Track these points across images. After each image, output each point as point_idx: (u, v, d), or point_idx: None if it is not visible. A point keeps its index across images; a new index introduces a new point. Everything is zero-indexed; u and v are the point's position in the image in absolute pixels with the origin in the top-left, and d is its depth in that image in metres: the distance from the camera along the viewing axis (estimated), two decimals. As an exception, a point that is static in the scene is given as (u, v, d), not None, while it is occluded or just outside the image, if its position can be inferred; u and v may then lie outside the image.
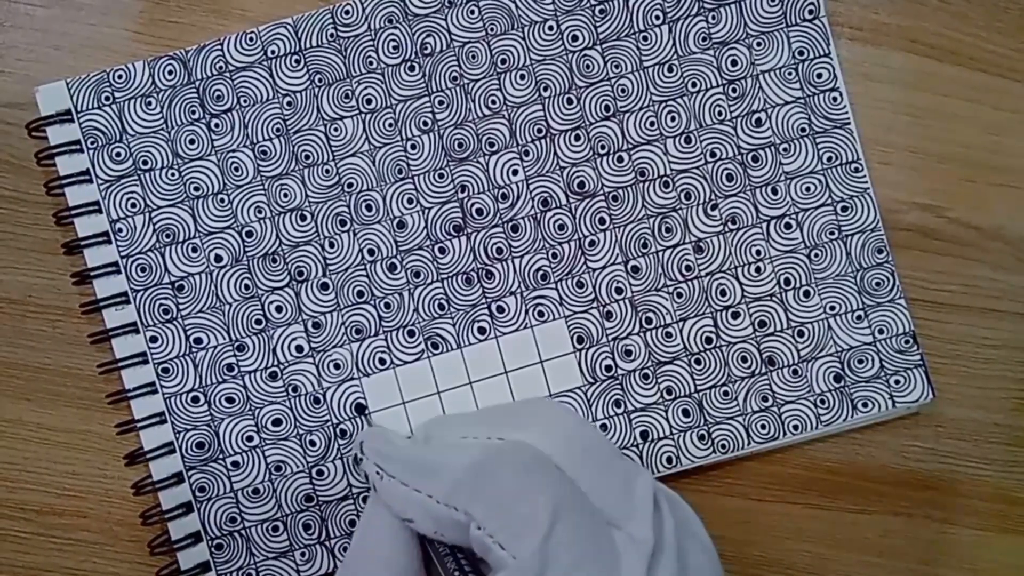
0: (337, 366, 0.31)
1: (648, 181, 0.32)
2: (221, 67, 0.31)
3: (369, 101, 0.31)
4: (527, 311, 0.32)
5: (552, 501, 0.21)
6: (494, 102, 0.32)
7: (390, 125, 0.31)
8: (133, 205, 0.31)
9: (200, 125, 0.31)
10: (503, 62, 0.32)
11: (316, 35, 0.31)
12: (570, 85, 0.32)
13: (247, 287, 0.31)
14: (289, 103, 0.31)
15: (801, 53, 0.32)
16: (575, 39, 0.32)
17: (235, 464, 0.31)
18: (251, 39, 0.31)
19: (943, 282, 0.32)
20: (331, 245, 0.31)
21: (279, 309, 0.31)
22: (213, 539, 0.31)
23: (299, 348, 0.31)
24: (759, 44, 0.32)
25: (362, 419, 0.31)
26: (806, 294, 0.32)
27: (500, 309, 0.32)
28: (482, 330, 0.32)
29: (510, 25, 0.31)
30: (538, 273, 0.32)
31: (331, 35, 0.31)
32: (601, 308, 0.32)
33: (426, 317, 0.31)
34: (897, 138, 0.32)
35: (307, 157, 0.31)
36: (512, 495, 0.22)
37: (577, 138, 0.32)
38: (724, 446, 0.32)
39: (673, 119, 0.32)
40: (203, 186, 0.31)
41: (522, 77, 0.32)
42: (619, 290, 0.32)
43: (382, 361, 0.31)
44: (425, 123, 0.31)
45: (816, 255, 0.32)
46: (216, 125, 0.31)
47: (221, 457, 0.31)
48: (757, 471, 0.32)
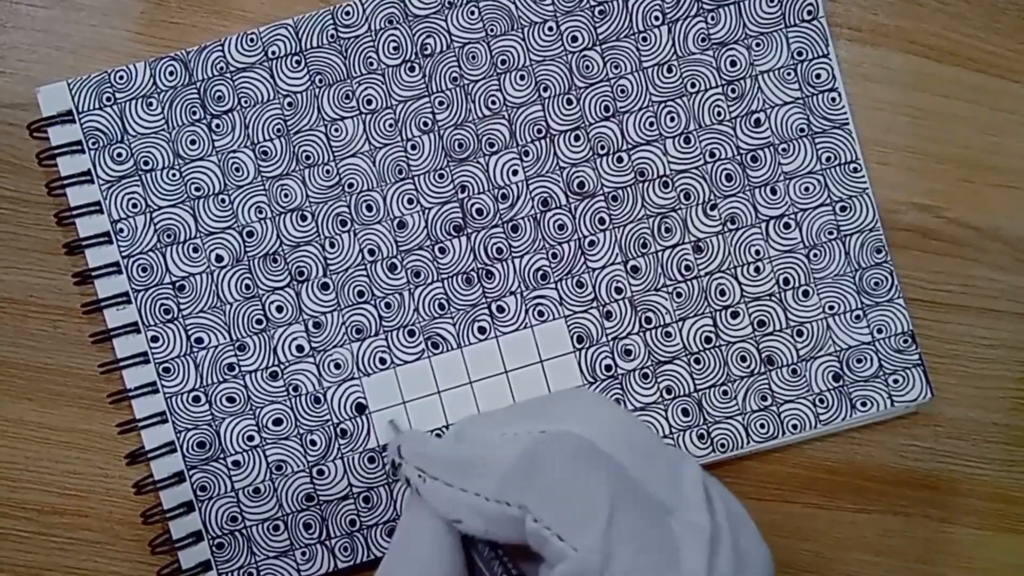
0: (338, 366, 0.31)
1: (648, 181, 0.32)
2: (222, 68, 0.31)
3: (369, 102, 0.31)
4: (527, 311, 0.32)
5: (609, 489, 0.21)
6: (494, 103, 0.32)
7: (390, 125, 0.32)
8: (134, 205, 0.31)
9: (201, 125, 0.31)
10: (503, 63, 0.32)
11: (317, 36, 0.31)
12: (570, 86, 0.32)
13: (248, 287, 0.31)
14: (290, 104, 0.31)
15: (800, 54, 0.32)
16: (575, 40, 0.32)
17: (236, 463, 0.31)
18: (252, 40, 0.31)
19: (941, 282, 0.33)
20: (332, 245, 0.31)
21: (280, 309, 0.31)
22: (214, 538, 0.31)
23: (300, 348, 0.31)
24: (758, 45, 0.32)
25: (390, 426, 0.31)
26: (805, 294, 0.32)
27: (500, 309, 0.32)
28: (482, 330, 0.32)
29: (510, 26, 0.32)
30: (538, 273, 0.32)
31: (331, 36, 0.31)
32: (601, 308, 0.32)
33: (426, 317, 0.32)
34: (896, 138, 0.33)
35: (308, 157, 0.31)
36: (567, 485, 0.21)
37: (577, 138, 0.32)
38: (723, 445, 0.32)
39: (672, 119, 0.32)
40: (204, 186, 0.31)
41: (522, 78, 0.32)
42: (619, 290, 0.32)
43: (382, 361, 0.32)
44: (425, 123, 0.32)
45: (815, 255, 0.32)
46: (217, 125, 0.31)
47: (222, 456, 0.31)
48: (756, 470, 0.33)
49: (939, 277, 0.33)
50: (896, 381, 0.32)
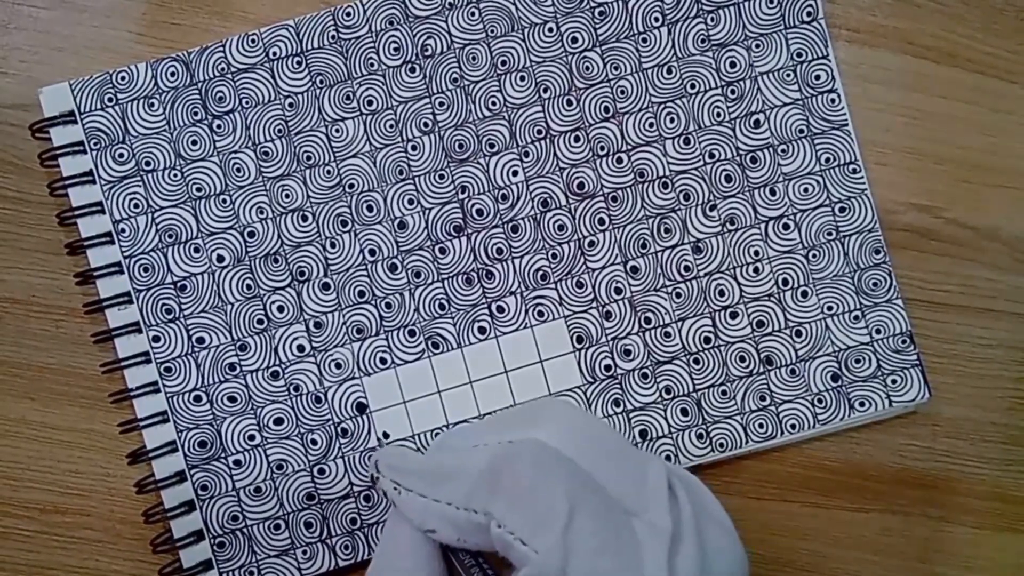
0: (338, 365, 0.32)
1: (647, 182, 0.32)
2: (223, 68, 0.31)
3: (370, 102, 0.32)
4: (527, 311, 0.32)
5: (569, 492, 0.22)
6: (494, 103, 0.32)
7: (391, 126, 0.32)
8: (136, 206, 0.31)
9: (202, 126, 0.31)
10: (503, 64, 0.32)
11: (317, 37, 0.31)
12: (570, 86, 0.32)
13: (249, 287, 0.31)
14: (291, 104, 0.31)
15: (799, 55, 0.32)
16: (575, 41, 0.32)
17: (237, 463, 0.31)
18: (253, 41, 0.31)
19: (940, 282, 0.33)
20: (332, 245, 0.32)
21: (281, 309, 0.32)
22: (215, 537, 0.31)
23: (300, 348, 0.32)
24: (758, 46, 0.32)
25: (379, 440, 0.31)
26: (804, 294, 0.32)
27: (500, 309, 0.32)
28: (482, 330, 0.32)
29: (510, 27, 0.32)
30: (538, 273, 0.32)
31: (332, 37, 0.31)
32: (600, 308, 0.32)
33: (427, 317, 0.32)
34: (894, 139, 0.33)
35: (308, 158, 0.32)
36: (529, 490, 0.22)
37: (577, 139, 0.32)
38: (722, 445, 0.32)
39: (672, 120, 0.32)
40: (205, 187, 0.31)
41: (522, 78, 0.32)
42: (618, 290, 0.32)
43: (383, 360, 0.32)
44: (426, 124, 0.32)
45: (814, 255, 0.32)
46: (218, 126, 0.31)
47: (223, 456, 0.31)
48: (755, 470, 0.33)
49: (937, 277, 0.33)
50: (894, 381, 0.32)
